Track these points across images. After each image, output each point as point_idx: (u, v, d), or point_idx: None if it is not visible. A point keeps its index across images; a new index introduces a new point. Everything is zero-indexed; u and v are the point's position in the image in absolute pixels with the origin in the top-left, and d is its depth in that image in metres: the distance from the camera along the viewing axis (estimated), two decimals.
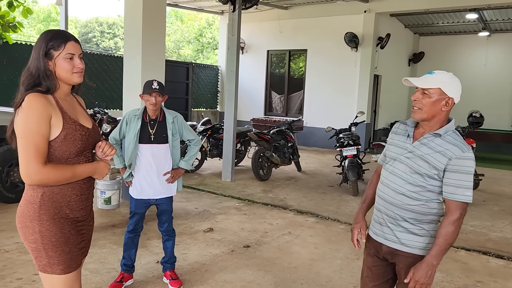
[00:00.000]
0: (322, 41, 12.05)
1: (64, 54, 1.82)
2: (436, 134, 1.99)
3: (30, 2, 23.90)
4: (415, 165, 2.00)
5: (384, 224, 2.11)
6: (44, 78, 1.81)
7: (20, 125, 1.76)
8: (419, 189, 1.99)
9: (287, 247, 4.41)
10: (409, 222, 2.03)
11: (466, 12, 11.37)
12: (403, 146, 2.07)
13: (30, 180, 1.77)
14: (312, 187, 7.30)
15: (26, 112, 1.75)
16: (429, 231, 2.04)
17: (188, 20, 28.59)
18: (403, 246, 2.05)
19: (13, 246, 4.04)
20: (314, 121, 12.11)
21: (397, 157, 2.08)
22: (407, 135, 2.09)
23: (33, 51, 1.84)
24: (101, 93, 10.96)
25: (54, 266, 1.87)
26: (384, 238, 2.11)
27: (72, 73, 1.85)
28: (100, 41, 28.69)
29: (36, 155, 1.74)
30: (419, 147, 2.01)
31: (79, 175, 1.88)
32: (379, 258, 2.18)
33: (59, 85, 1.86)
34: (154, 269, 3.71)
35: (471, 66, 13.79)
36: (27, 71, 1.84)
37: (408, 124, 2.11)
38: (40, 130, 1.76)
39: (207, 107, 14.30)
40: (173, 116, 3.30)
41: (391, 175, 2.08)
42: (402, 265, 2.07)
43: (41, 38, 1.85)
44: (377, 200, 2.17)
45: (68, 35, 1.88)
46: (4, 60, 8.92)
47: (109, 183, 5.36)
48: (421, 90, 1.98)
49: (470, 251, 4.49)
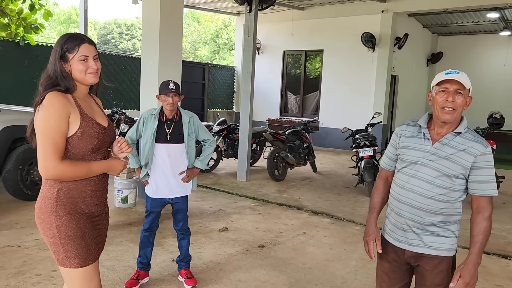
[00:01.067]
0: (338, 41, 11.98)
1: (78, 56, 1.90)
2: (457, 133, 1.97)
3: (51, 5, 24.39)
4: (442, 167, 1.95)
5: (408, 230, 2.05)
6: (61, 79, 1.90)
7: (40, 122, 1.83)
8: (447, 191, 1.96)
9: (301, 247, 4.40)
10: (437, 225, 2.00)
11: (486, 11, 11.16)
12: (423, 148, 2.01)
13: (47, 174, 1.84)
14: (327, 187, 7.27)
15: (47, 110, 1.83)
16: (454, 231, 2.04)
17: (204, 21, 28.76)
18: (431, 250, 2.02)
19: (32, 242, 4.13)
20: (330, 122, 12.04)
21: (418, 161, 2.01)
22: (422, 137, 2.03)
23: (51, 55, 1.93)
24: (119, 94, 11.12)
25: (72, 260, 1.93)
26: (408, 244, 2.05)
27: (86, 73, 1.92)
28: (118, 43, 29.09)
29: (54, 151, 1.82)
30: (442, 148, 1.97)
31: (94, 171, 1.95)
32: (397, 264, 2.14)
33: (76, 86, 1.94)
34: (170, 267, 3.74)
35: (491, 67, 13.52)
36: (45, 73, 1.93)
37: (421, 125, 2.06)
38: (59, 127, 1.83)
39: (223, 107, 14.35)
40: (189, 116, 3.33)
41: (414, 179, 2.01)
42: (428, 267, 2.03)
43: (57, 41, 1.93)
44: (397, 205, 2.09)
45: (82, 37, 1.94)
46: (26, 61, 9.11)
47: (126, 182, 5.44)
48: (455, 90, 1.92)
49: (489, 255, 4.40)
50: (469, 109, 7.76)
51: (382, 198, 2.23)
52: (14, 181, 5.33)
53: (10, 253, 3.87)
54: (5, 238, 4.22)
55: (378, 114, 7.41)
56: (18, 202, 5.41)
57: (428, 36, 14.12)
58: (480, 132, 6.66)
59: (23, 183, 5.40)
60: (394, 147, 2.18)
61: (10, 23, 9.12)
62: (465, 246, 4.35)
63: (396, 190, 2.10)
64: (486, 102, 12.66)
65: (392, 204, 2.13)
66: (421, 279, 2.08)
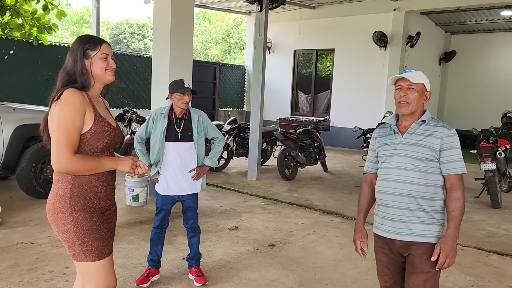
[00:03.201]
0: (349, 40, 11.90)
1: (100, 54, 2.01)
2: (421, 121, 2.19)
3: (64, 5, 24.67)
4: (413, 152, 2.15)
5: (396, 220, 2.17)
6: (80, 76, 1.97)
7: (58, 116, 1.90)
8: (423, 174, 2.13)
9: (312, 246, 4.39)
10: (425, 211, 2.13)
11: (501, 9, 10.97)
12: (394, 142, 2.22)
13: (60, 167, 1.90)
14: (338, 187, 7.23)
15: (65, 105, 1.89)
16: (438, 219, 2.17)
17: (216, 21, 28.82)
18: (418, 237, 2.14)
19: (45, 240, 4.18)
20: (341, 121, 11.98)
21: (392, 153, 2.21)
22: (393, 132, 2.26)
23: (69, 54, 2.01)
24: (130, 93, 11.20)
25: (88, 253, 1.97)
26: (396, 233, 2.18)
27: (106, 70, 2.02)
28: (130, 42, 29.30)
29: (68, 145, 1.88)
30: (409, 136, 2.18)
31: (104, 166, 2.00)
32: (393, 255, 2.25)
33: (93, 83, 2.02)
34: (180, 265, 3.76)
35: (505, 65, 13.29)
36: (63, 70, 2.01)
37: (390, 123, 2.30)
38: (75, 122, 1.90)
39: (233, 106, 14.37)
40: (198, 115, 3.35)
41: (392, 169, 2.20)
42: (416, 254, 2.15)
43: (77, 41, 2.03)
44: (383, 197, 2.23)
45: (102, 38, 2.11)
46: (39, 61, 9.23)
47: (137, 180, 5.48)
48: (407, 86, 2.18)
49: (502, 255, 4.34)
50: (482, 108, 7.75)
51: (368, 200, 2.39)
52: (27, 179, 5.41)
53: (24, 250, 3.93)
54: (18, 235, 4.29)
55: (389, 113, 7.34)
56: (31, 199, 5.49)
57: (441, 34, 13.95)
58: (493, 132, 6.56)
59: (36, 181, 5.48)
60: (372, 150, 2.38)
61: (24, 24, 9.25)
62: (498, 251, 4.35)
63: (379, 184, 2.27)
64: (500, 101, 12.47)
65: (378, 198, 2.29)
66: (410, 267, 2.19)
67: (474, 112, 12.92)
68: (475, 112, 12.88)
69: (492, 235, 5.01)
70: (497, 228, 5.25)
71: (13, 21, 9.21)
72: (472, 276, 3.77)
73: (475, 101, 13.24)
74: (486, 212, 5.96)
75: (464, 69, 13.68)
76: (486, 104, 13.15)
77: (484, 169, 6.04)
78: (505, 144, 6.48)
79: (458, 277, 3.75)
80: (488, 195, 6.22)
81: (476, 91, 13.36)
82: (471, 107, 13.20)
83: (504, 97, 12.78)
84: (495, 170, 6.06)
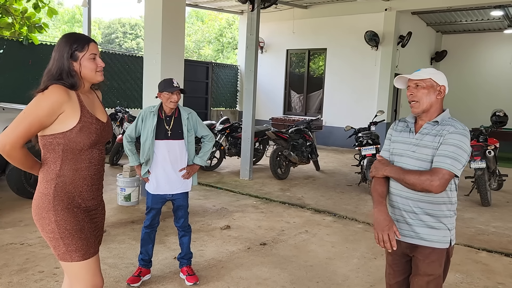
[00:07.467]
0: (342, 40, 11.95)
1: (88, 55, 1.95)
2: (434, 122, 2.10)
3: (56, 4, 24.47)
4: (422, 155, 2.09)
5: (401, 221, 2.16)
6: (67, 77, 1.92)
7: (31, 104, 1.87)
8: None
9: (303, 245, 4.41)
10: (429, 215, 2.08)
11: (490, 9, 11.09)
12: (408, 141, 2.17)
13: (1, 149, 1.87)
14: (330, 186, 7.26)
15: (44, 99, 1.85)
16: (446, 224, 2.11)
17: (208, 21, 28.79)
18: (422, 241, 2.11)
19: (35, 240, 4.16)
20: (334, 120, 12.03)
21: (403, 153, 2.16)
22: (409, 130, 2.20)
23: (55, 53, 1.94)
24: (122, 93, 11.15)
25: (72, 253, 1.96)
26: (402, 235, 2.15)
27: (95, 71, 1.98)
28: (122, 42, 29.18)
29: (23, 134, 1.85)
30: (422, 137, 2.11)
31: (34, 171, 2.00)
32: (397, 256, 2.24)
33: (83, 85, 1.98)
34: (171, 264, 3.76)
35: (496, 65, 13.45)
36: (48, 71, 1.94)
37: (408, 120, 2.23)
38: (42, 118, 1.86)
39: (226, 106, 14.37)
40: (187, 113, 3.35)
41: None
42: (420, 257, 2.13)
43: (63, 41, 1.95)
44: (390, 198, 2.21)
45: (88, 37, 2.02)
46: (30, 60, 9.16)
47: (128, 180, 5.46)
48: (414, 84, 2.12)
49: (491, 253, 4.38)
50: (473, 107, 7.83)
51: (386, 187, 2.20)
52: (17, 179, 5.36)
53: (14, 251, 3.90)
54: (8, 236, 4.26)
55: (381, 113, 7.38)
56: (21, 200, 5.45)
57: (432, 34, 14.06)
58: (483, 131, 6.62)
59: (26, 181, 5.44)
60: (389, 139, 2.32)
61: (14, 22, 9.16)
62: (487, 249, 4.39)
63: (390, 183, 2.22)
64: (490, 100, 12.61)
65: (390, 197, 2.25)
66: (415, 268, 2.18)
67: (465, 111, 13.01)
68: (466, 111, 12.98)
69: (482, 232, 5.06)
70: (486, 226, 5.31)
71: (3, 20, 9.11)
72: (461, 273, 3.81)
73: (466, 100, 13.37)
74: (476, 210, 6.02)
75: (455, 69, 13.79)
76: (477, 103, 13.28)
77: (474, 168, 6.11)
78: (494, 143, 6.56)
79: (448, 274, 3.76)
80: (478, 193, 6.28)
81: (467, 90, 13.48)
82: (462, 106, 13.30)
83: (494, 96, 12.93)
84: (485, 168, 6.12)
